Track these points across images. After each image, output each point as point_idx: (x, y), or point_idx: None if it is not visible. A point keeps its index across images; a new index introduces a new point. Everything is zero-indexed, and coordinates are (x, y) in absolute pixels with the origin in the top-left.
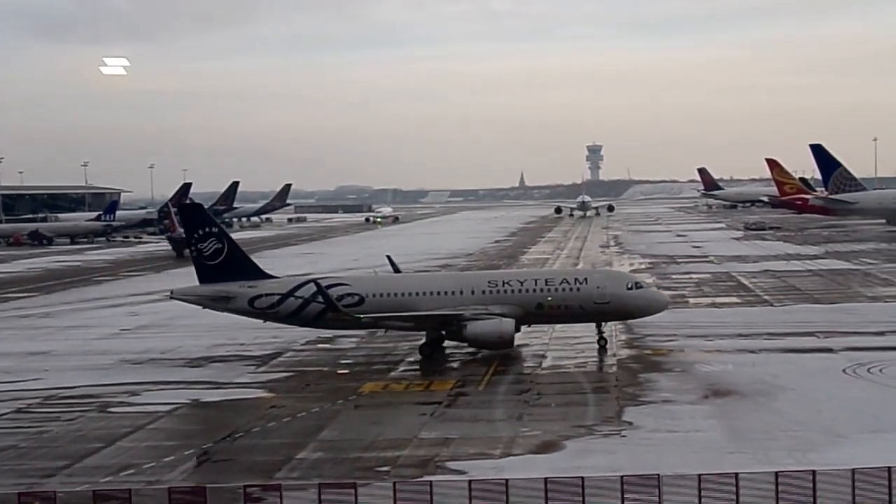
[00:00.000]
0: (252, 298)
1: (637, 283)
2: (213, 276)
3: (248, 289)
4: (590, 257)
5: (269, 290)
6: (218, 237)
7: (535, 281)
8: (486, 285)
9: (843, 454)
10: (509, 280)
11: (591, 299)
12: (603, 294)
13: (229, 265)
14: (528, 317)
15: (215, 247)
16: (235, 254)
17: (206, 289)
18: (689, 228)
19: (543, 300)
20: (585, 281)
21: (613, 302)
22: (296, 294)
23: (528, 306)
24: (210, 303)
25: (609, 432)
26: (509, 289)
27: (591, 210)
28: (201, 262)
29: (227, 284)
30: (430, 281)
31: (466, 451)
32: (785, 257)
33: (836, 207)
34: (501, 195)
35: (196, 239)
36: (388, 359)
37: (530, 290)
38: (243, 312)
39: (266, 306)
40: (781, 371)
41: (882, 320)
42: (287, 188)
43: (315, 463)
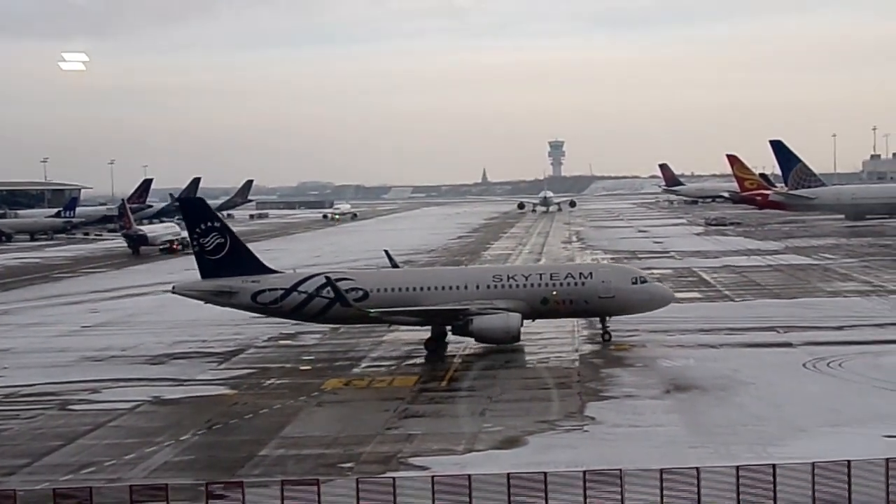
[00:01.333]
0: (255, 293)
1: (642, 277)
2: (215, 270)
3: (251, 284)
4: (552, 253)
5: (273, 285)
6: (220, 232)
7: (541, 275)
8: (491, 280)
9: (803, 448)
10: (514, 274)
11: (597, 294)
12: (608, 288)
13: (231, 260)
14: (534, 311)
15: (217, 241)
16: (238, 248)
17: (208, 284)
18: (650, 224)
19: (548, 294)
20: (591, 275)
21: (618, 296)
22: (299, 289)
23: (534, 301)
24: (212, 298)
25: (571, 427)
26: (514, 283)
27: (553, 206)
28: (203, 257)
29: (229, 279)
30: (434, 276)
31: (429, 447)
32: (745, 252)
33: (795, 203)
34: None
35: (198, 234)
36: (351, 355)
37: (535, 285)
38: (246, 307)
39: (269, 301)
40: (742, 366)
41: (841, 315)
42: (248, 184)
43: (278, 460)
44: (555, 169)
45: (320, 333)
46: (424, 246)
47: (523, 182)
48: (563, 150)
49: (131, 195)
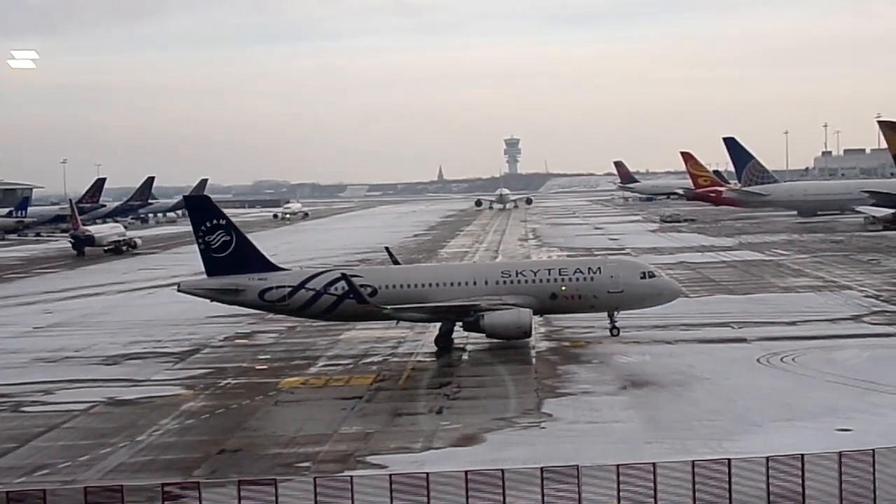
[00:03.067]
0: (262, 291)
1: (650, 272)
2: (221, 268)
3: (258, 281)
4: (508, 251)
5: (280, 283)
6: (226, 229)
7: (549, 271)
8: (500, 276)
9: (758, 442)
10: (523, 270)
11: (605, 288)
12: (617, 283)
13: (238, 257)
14: (543, 306)
15: (223, 239)
16: (244, 246)
17: (214, 282)
18: (606, 221)
19: (557, 290)
20: (599, 270)
21: (627, 291)
22: (307, 286)
23: (542, 296)
24: (219, 296)
25: (529, 424)
26: (523, 279)
27: (509, 203)
28: (209, 255)
29: (236, 277)
30: (443, 272)
31: (387, 445)
32: (700, 249)
33: (748, 199)
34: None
35: (203, 231)
36: (308, 354)
37: (544, 280)
38: (253, 305)
39: (277, 299)
40: (697, 361)
41: (794, 310)
42: (203, 183)
43: (234, 460)
44: (511, 166)
45: (276, 332)
46: (381, 244)
47: (480, 180)
48: (518, 147)
49: (84, 195)
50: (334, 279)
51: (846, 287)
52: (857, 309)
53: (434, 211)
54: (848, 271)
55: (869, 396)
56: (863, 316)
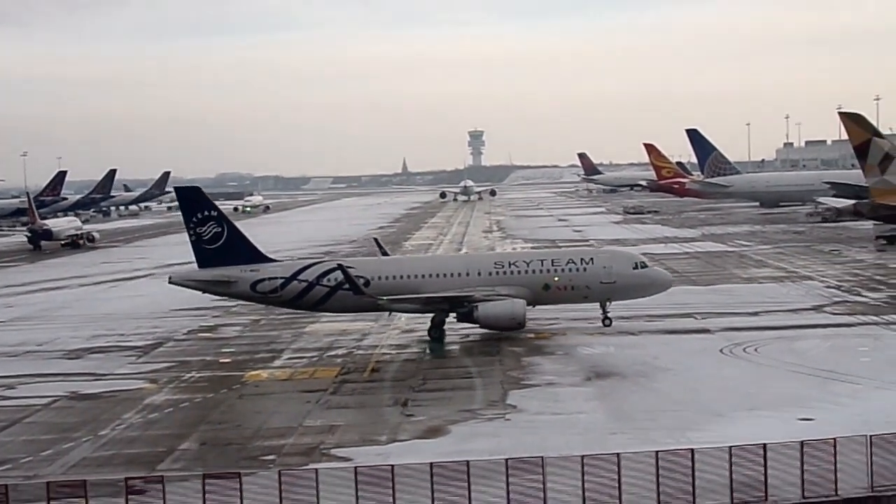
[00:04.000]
0: (254, 282)
1: (643, 262)
2: (212, 260)
3: (250, 273)
4: (473, 243)
5: (272, 274)
6: (217, 221)
7: (542, 261)
8: (493, 266)
9: (721, 432)
10: (516, 261)
11: (598, 279)
12: (610, 273)
13: (229, 249)
14: (535, 297)
15: (214, 230)
16: (235, 237)
17: (205, 273)
18: (570, 213)
19: (550, 280)
20: (592, 261)
21: (620, 281)
22: (300, 277)
23: (535, 287)
24: (210, 287)
25: (493, 416)
26: (516, 269)
27: (474, 195)
28: (200, 247)
29: (227, 268)
30: (435, 263)
31: (352, 437)
32: (663, 240)
33: (711, 191)
34: (385, 181)
35: (194, 223)
36: (272, 347)
37: (537, 271)
38: (245, 297)
39: (269, 290)
40: (661, 352)
41: (756, 301)
42: (166, 176)
43: (198, 453)
44: (475, 159)
45: (241, 326)
46: (345, 237)
47: (444, 172)
48: (482, 139)
49: (45, 188)
50: (327, 270)
51: (808, 277)
52: (819, 299)
53: (398, 203)
54: (809, 262)
55: (830, 386)
56: (824, 306)
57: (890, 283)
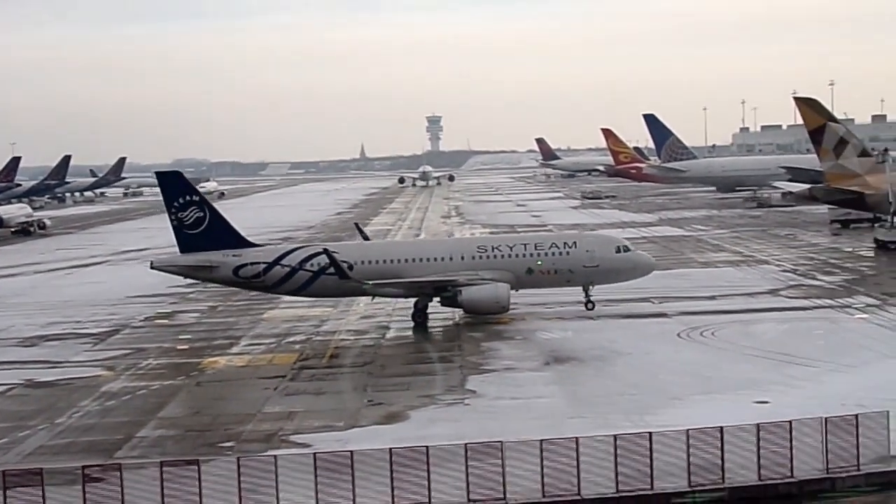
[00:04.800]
0: (237, 267)
1: (625, 246)
2: (194, 245)
3: (233, 258)
4: (431, 228)
5: (255, 259)
6: (199, 206)
7: (525, 245)
8: (476, 251)
9: (678, 415)
10: (499, 245)
11: (581, 263)
12: (592, 257)
13: (211, 234)
14: (519, 281)
15: (196, 215)
16: (217, 222)
17: (188, 258)
18: (528, 198)
19: (533, 264)
20: (575, 245)
21: (603, 265)
22: (282, 262)
23: (519, 271)
24: (192, 272)
25: (453, 401)
26: (499, 254)
27: (432, 180)
28: (182, 232)
29: (209, 253)
30: (419, 247)
31: (311, 424)
32: (620, 225)
33: (668, 176)
34: (343, 167)
35: (176, 208)
36: (230, 334)
37: (520, 255)
38: (227, 282)
39: (251, 275)
40: (619, 336)
41: (713, 285)
42: (122, 161)
43: (156, 441)
44: (433, 144)
45: (198, 312)
46: (304, 223)
47: (402, 157)
48: (440, 125)
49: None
50: (309, 255)
51: (764, 262)
52: (775, 283)
53: (357, 189)
54: (765, 246)
55: (786, 369)
56: (780, 290)
57: (845, 267)
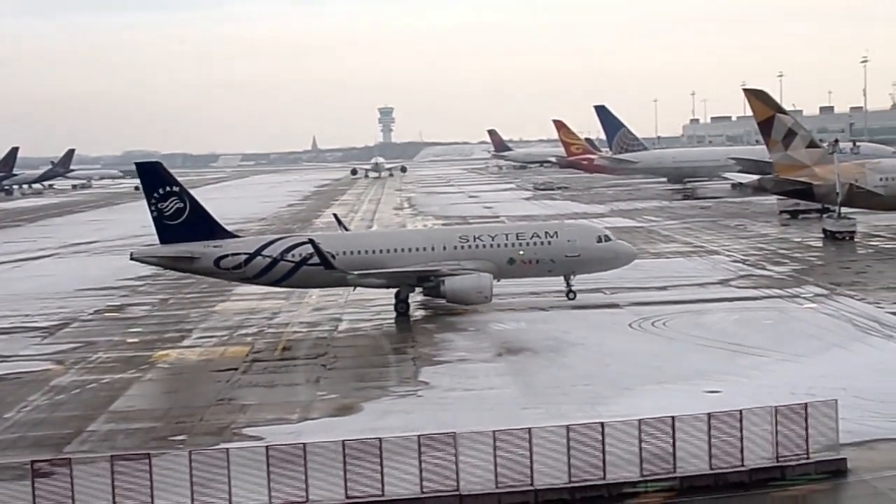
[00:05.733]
0: (218, 258)
1: (607, 235)
2: (174, 236)
3: (214, 248)
4: (384, 220)
5: (235, 250)
6: (179, 196)
7: (507, 235)
8: (458, 241)
9: (630, 406)
10: (480, 235)
11: (563, 252)
12: (574, 247)
13: (192, 225)
14: (500, 271)
15: (177, 206)
16: (198, 213)
17: (168, 249)
18: (480, 189)
19: (515, 254)
20: (556, 234)
21: (584, 255)
22: (263, 253)
23: (500, 261)
24: (173, 263)
25: (406, 393)
26: (481, 244)
27: (384, 172)
28: (162, 223)
29: (190, 245)
30: (401, 238)
31: (263, 416)
32: (573, 216)
33: (619, 167)
34: (294, 158)
35: (156, 199)
36: (181, 326)
37: (502, 245)
38: (208, 273)
39: (233, 266)
40: (571, 327)
41: (664, 275)
42: (70, 153)
43: (107, 435)
44: (385, 135)
45: (149, 305)
46: (255, 214)
47: (354, 149)
48: (392, 116)
49: None
50: (291, 245)
51: (714, 252)
52: (725, 273)
53: (309, 180)
54: (716, 237)
55: (736, 358)
56: (730, 280)
57: (794, 257)
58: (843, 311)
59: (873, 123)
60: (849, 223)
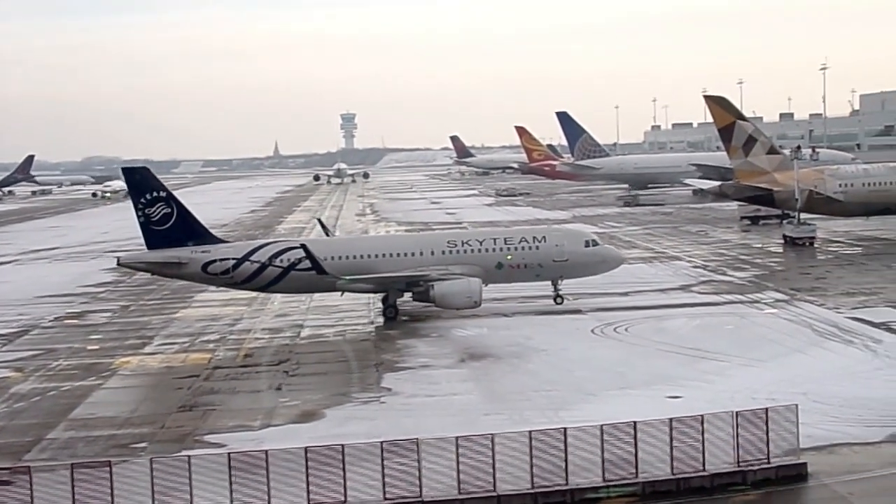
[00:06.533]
0: (206, 264)
1: (594, 240)
2: (162, 241)
3: (201, 254)
4: (346, 226)
5: (224, 255)
6: (166, 202)
7: (495, 240)
8: (446, 245)
9: (593, 411)
10: (468, 240)
11: (551, 257)
12: (562, 252)
13: (179, 230)
14: (488, 276)
15: (164, 211)
16: (185, 218)
17: (155, 255)
18: (443, 195)
19: (503, 259)
20: (544, 239)
21: (572, 259)
22: (251, 258)
23: (488, 265)
24: (160, 269)
25: (369, 399)
26: (469, 248)
27: (347, 177)
28: (149, 228)
29: (178, 250)
30: (389, 243)
31: (225, 423)
32: (535, 222)
33: (581, 173)
34: (257, 164)
35: (143, 204)
36: (143, 333)
37: (490, 250)
38: (196, 278)
39: (220, 271)
40: (534, 333)
41: (626, 281)
42: (30, 160)
43: (67, 443)
44: (347, 141)
45: (110, 312)
46: (217, 220)
47: (316, 155)
48: (355, 122)
49: None
50: (279, 251)
51: (675, 258)
52: (686, 279)
53: (271, 186)
54: (677, 242)
55: (698, 364)
56: (691, 286)
57: (754, 263)
58: (803, 317)
59: (832, 130)
60: (808, 229)
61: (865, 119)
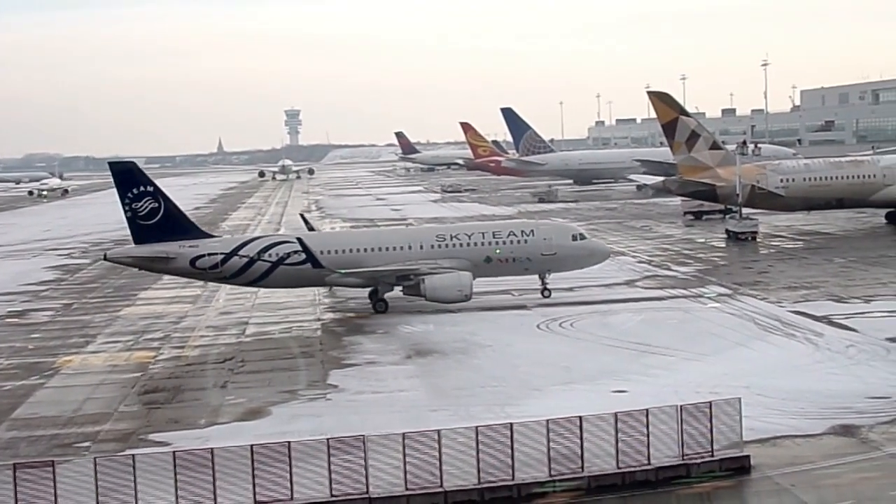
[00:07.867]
0: (194, 258)
1: (581, 234)
2: (149, 236)
3: (189, 248)
4: (291, 223)
5: (212, 250)
6: (153, 196)
7: (483, 234)
8: (435, 239)
9: (539, 406)
10: (457, 234)
11: (539, 251)
12: (550, 245)
13: (166, 225)
14: (477, 270)
15: (151, 206)
16: (173, 213)
17: (143, 249)
18: (388, 192)
19: (492, 253)
20: (532, 233)
21: (560, 253)
22: (240, 253)
23: (477, 259)
24: (148, 264)
25: (314, 396)
26: (458, 242)
27: (292, 174)
28: (136, 223)
29: (165, 245)
30: (378, 236)
31: (170, 422)
32: (480, 218)
33: (526, 169)
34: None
35: (130, 199)
36: (86, 332)
37: (478, 244)
38: (184, 273)
39: (209, 266)
40: (480, 329)
41: (571, 276)
42: None
43: (9, 443)
44: (292, 138)
45: (52, 311)
46: None
47: (260, 151)
48: (299, 118)
49: None
50: (268, 245)
51: (620, 253)
52: (631, 274)
53: (215, 183)
54: (622, 238)
55: (642, 358)
56: (636, 281)
57: (698, 258)
58: (745, 311)
59: (774, 125)
60: (751, 224)
61: (806, 115)
